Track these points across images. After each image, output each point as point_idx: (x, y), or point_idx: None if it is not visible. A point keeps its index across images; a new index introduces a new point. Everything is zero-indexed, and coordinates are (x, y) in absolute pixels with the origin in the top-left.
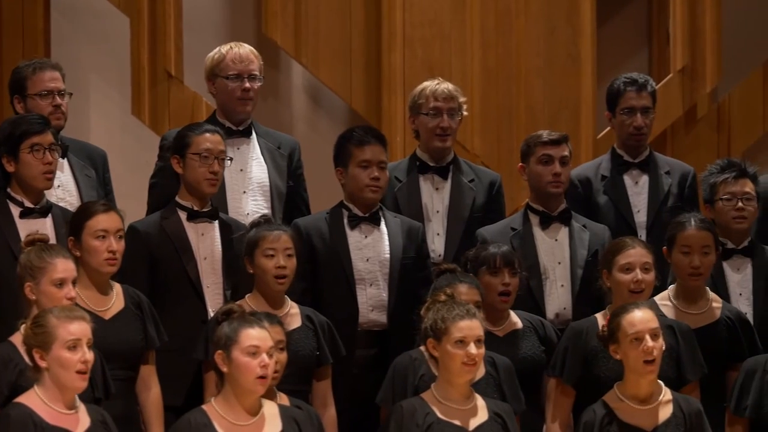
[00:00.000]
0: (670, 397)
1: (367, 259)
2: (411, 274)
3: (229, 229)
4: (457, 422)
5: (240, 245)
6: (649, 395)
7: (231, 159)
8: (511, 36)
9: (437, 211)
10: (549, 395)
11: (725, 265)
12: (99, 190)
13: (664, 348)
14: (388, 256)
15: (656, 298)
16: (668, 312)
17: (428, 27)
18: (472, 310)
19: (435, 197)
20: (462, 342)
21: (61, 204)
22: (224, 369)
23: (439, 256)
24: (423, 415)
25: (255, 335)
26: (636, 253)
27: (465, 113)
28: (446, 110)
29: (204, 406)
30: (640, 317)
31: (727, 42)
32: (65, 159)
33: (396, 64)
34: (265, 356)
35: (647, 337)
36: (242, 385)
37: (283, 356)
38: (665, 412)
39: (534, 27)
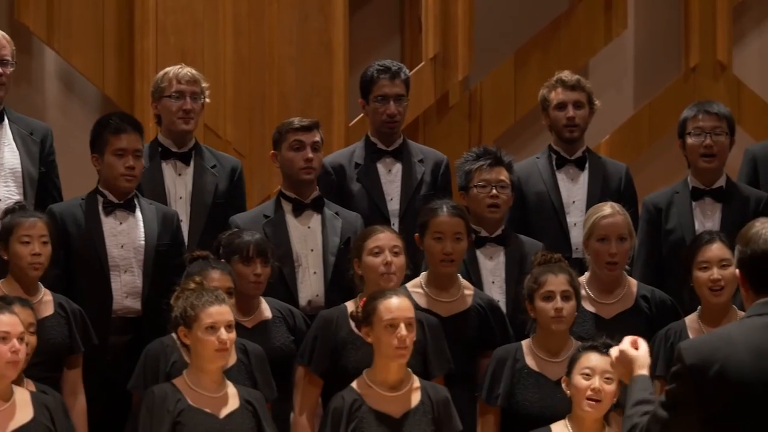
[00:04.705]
0: (418, 384)
1: (122, 246)
2: (166, 260)
3: None
4: (208, 410)
5: None
6: (399, 382)
7: None
8: (264, 24)
9: (180, 197)
10: (297, 384)
11: (478, 252)
12: None
13: (415, 339)
14: (142, 242)
15: (408, 285)
16: (420, 300)
17: (181, 13)
18: (221, 295)
19: (178, 183)
20: (213, 328)
21: None
22: None
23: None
24: (174, 401)
25: (5, 321)
26: (385, 237)
27: (208, 100)
28: (189, 93)
29: None
30: (397, 304)
31: (478, 31)
32: None
33: (149, 50)
34: (15, 342)
35: (402, 325)
36: None
37: (33, 339)
38: (414, 400)
39: (287, 15)
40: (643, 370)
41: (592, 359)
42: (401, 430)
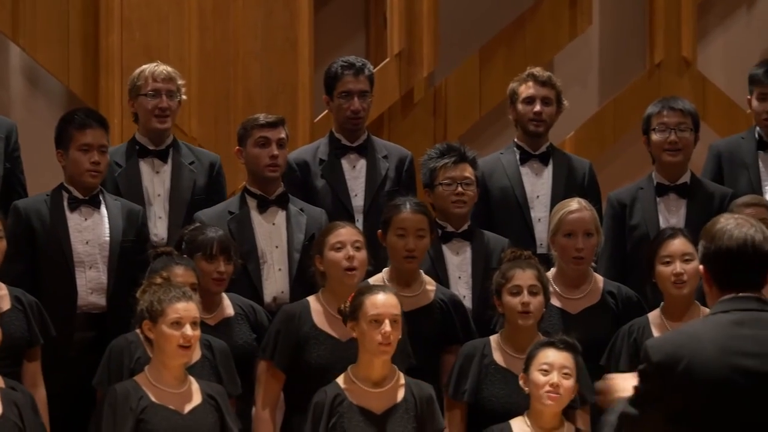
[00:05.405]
0: (403, 381)
1: (87, 242)
2: (130, 257)
3: None
4: (171, 406)
5: None
6: (382, 378)
7: None
8: (229, 19)
9: (158, 195)
10: (259, 378)
11: (445, 248)
12: None
13: (400, 337)
14: (107, 239)
15: (370, 281)
16: None
17: (146, 9)
18: (188, 292)
19: (155, 180)
20: (178, 323)
21: None
22: None
23: (163, 239)
24: (137, 399)
25: None
26: (346, 232)
27: (184, 97)
28: (165, 91)
29: None
30: (383, 300)
31: (443, 27)
32: None
33: (114, 45)
34: None
35: (387, 321)
36: None
37: None
38: (397, 396)
39: (252, 10)
40: (625, 393)
41: (550, 355)
42: (383, 425)
